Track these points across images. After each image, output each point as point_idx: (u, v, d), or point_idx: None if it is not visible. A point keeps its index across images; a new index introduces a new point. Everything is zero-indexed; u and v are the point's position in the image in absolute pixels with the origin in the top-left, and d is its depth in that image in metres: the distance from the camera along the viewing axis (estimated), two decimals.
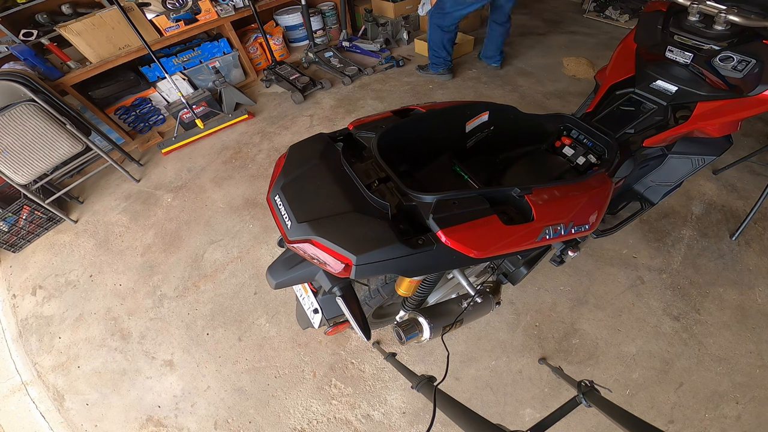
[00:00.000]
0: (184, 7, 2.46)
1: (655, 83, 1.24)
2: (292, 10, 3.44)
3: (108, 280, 1.87)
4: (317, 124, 2.70)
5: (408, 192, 0.78)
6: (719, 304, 1.55)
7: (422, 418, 1.33)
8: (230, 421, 1.38)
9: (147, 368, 1.55)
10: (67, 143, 2.00)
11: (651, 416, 1.30)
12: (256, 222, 2.04)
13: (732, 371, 1.38)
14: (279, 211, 0.78)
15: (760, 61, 0.99)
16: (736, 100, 1.08)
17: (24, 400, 1.52)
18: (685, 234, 1.81)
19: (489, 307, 0.98)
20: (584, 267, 1.70)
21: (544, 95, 2.83)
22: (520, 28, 3.83)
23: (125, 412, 1.44)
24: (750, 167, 2.07)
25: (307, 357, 1.51)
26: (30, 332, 1.72)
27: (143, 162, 2.56)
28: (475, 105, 1.10)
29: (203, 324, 1.65)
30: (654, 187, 1.46)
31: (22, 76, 1.85)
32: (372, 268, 0.69)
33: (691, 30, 1.10)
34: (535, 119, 1.25)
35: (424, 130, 1.04)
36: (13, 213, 1.99)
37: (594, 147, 1.18)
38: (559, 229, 0.85)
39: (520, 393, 1.37)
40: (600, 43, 3.44)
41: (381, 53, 3.36)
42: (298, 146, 0.92)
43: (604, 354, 1.45)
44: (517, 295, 1.63)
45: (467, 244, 0.72)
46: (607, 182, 1.00)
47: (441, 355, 1.47)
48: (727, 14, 0.97)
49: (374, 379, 1.44)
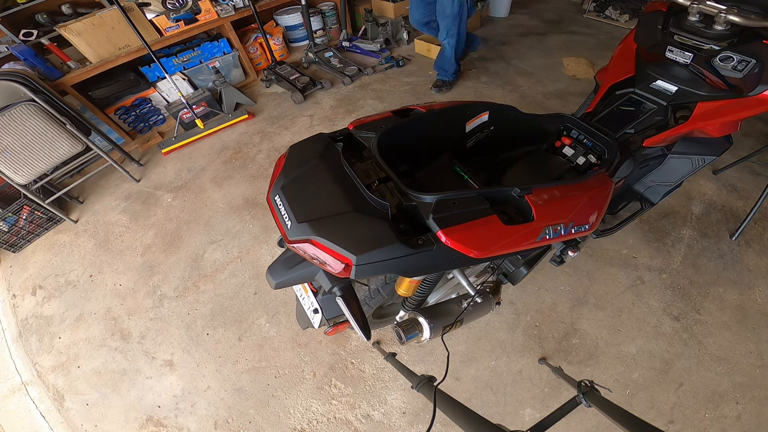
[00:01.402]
0: (184, 7, 2.46)
1: (655, 83, 1.24)
2: (292, 10, 3.44)
3: (108, 280, 1.87)
4: (317, 124, 2.70)
5: (408, 192, 0.78)
6: (719, 304, 1.55)
7: (422, 418, 1.33)
8: (230, 421, 1.38)
9: (147, 368, 1.55)
10: (67, 143, 2.00)
11: (651, 416, 1.30)
12: (256, 222, 2.04)
13: (732, 371, 1.38)
14: (279, 211, 0.78)
15: (760, 61, 0.99)
16: (736, 100, 1.08)
17: (24, 400, 1.52)
18: (685, 234, 1.81)
19: (489, 307, 0.98)
20: (584, 267, 1.70)
21: (544, 95, 2.83)
22: (520, 28, 3.83)
23: (125, 412, 1.43)
24: (750, 167, 2.07)
25: (307, 357, 1.51)
26: (30, 332, 1.72)
27: (143, 162, 2.56)
28: (475, 105, 1.10)
29: (203, 324, 1.65)
30: (654, 187, 1.46)
31: (22, 76, 1.85)
32: (372, 268, 0.69)
33: (691, 30, 1.10)
34: (535, 119, 1.25)
35: (424, 130, 1.04)
36: (13, 213, 1.99)
37: (594, 147, 1.18)
38: (559, 229, 0.85)
39: (520, 393, 1.37)
40: (600, 43, 3.44)
41: (381, 53, 3.36)
42: (298, 146, 0.92)
43: (604, 354, 1.45)
44: (517, 295, 1.63)
45: (467, 244, 0.72)
46: (607, 182, 1.00)
47: (441, 355, 1.47)
48: (727, 14, 0.97)
49: (374, 379, 1.44)
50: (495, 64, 3.23)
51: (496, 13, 4.12)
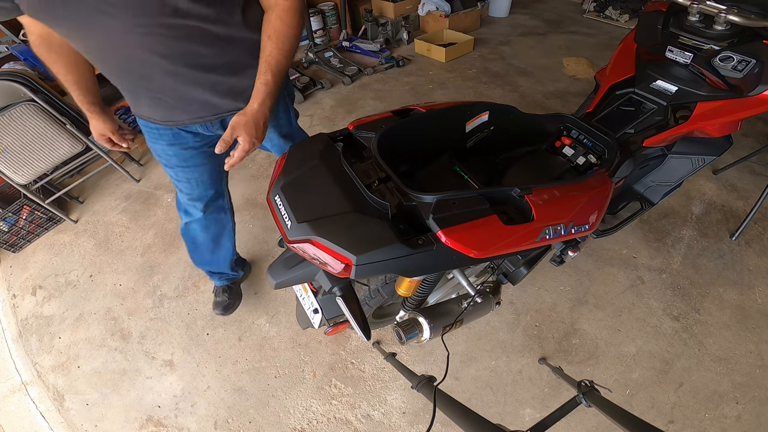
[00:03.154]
0: None
1: (655, 83, 1.24)
2: None
3: (108, 280, 1.87)
4: (317, 124, 2.70)
5: (408, 192, 0.78)
6: (719, 304, 1.55)
7: (422, 418, 1.33)
8: (230, 421, 1.38)
9: (147, 368, 1.55)
10: (67, 143, 2.00)
11: (651, 416, 1.30)
12: (256, 222, 2.04)
13: (732, 371, 1.38)
14: (279, 211, 0.78)
15: (760, 61, 1.00)
16: (736, 100, 1.08)
17: (24, 400, 1.52)
18: (685, 234, 1.81)
19: (489, 307, 0.98)
20: (584, 267, 1.70)
21: (544, 95, 2.83)
22: (520, 28, 3.84)
23: (125, 412, 1.43)
24: (750, 167, 2.07)
25: (307, 357, 1.51)
26: (30, 332, 1.72)
27: (143, 162, 2.56)
28: (475, 105, 1.10)
29: (203, 324, 1.65)
30: (654, 187, 1.46)
31: (22, 76, 1.85)
32: (372, 268, 0.69)
33: (691, 30, 1.10)
34: (535, 119, 1.25)
35: (424, 130, 1.04)
36: (13, 213, 1.99)
37: (594, 147, 1.18)
38: (559, 229, 0.85)
39: (520, 393, 1.37)
40: (600, 43, 3.45)
41: (381, 53, 3.36)
42: (298, 146, 0.92)
43: (604, 354, 1.45)
44: (517, 295, 1.63)
45: (467, 244, 0.72)
46: (607, 182, 1.00)
47: (441, 355, 1.47)
48: (727, 14, 0.97)
49: (374, 379, 1.44)
50: (495, 64, 3.23)
51: (496, 13, 4.12)
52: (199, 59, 0.85)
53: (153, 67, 0.83)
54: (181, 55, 0.83)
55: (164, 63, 0.82)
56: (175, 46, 0.80)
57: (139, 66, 0.84)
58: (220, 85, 0.92)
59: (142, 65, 0.83)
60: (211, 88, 0.92)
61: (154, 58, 0.81)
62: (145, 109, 0.99)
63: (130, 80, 0.91)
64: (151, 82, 0.88)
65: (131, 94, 0.97)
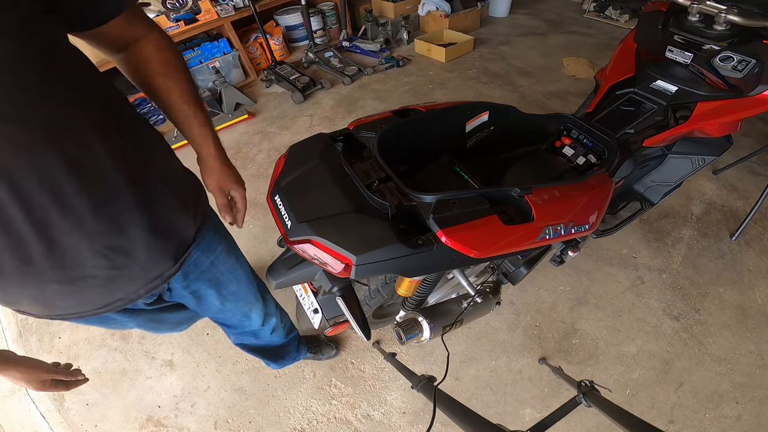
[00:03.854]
0: (184, 7, 2.46)
1: (655, 83, 1.24)
2: (292, 10, 3.44)
3: None
4: (317, 124, 2.70)
5: (408, 192, 0.78)
6: (719, 304, 1.55)
7: (422, 418, 1.33)
8: (230, 421, 1.38)
9: (147, 368, 1.54)
10: None
11: (651, 416, 1.30)
12: (256, 222, 2.04)
13: (732, 371, 1.38)
14: (279, 211, 0.78)
15: (760, 61, 1.00)
16: (736, 100, 1.08)
17: (24, 400, 1.52)
18: (685, 234, 1.81)
19: (489, 307, 0.98)
20: (584, 267, 1.70)
21: (544, 95, 2.83)
22: (520, 28, 3.84)
23: (125, 412, 1.43)
24: (750, 167, 2.07)
25: None
26: (30, 332, 1.72)
27: None
28: (475, 105, 1.10)
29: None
30: (654, 187, 1.46)
31: None
32: (372, 268, 0.69)
33: (691, 30, 1.10)
34: (535, 119, 1.25)
35: (424, 130, 1.04)
36: None
37: (594, 147, 1.18)
38: (559, 229, 0.85)
39: (520, 393, 1.37)
40: (600, 43, 3.44)
41: (381, 53, 3.36)
42: (298, 146, 0.92)
43: (604, 354, 1.45)
44: (517, 295, 1.63)
45: (467, 244, 0.72)
46: (607, 182, 1.00)
47: (441, 355, 1.47)
48: (727, 14, 0.98)
49: (374, 379, 1.44)
50: (495, 64, 3.23)
51: (496, 13, 4.12)
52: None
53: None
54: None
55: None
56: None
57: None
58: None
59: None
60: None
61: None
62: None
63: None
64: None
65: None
